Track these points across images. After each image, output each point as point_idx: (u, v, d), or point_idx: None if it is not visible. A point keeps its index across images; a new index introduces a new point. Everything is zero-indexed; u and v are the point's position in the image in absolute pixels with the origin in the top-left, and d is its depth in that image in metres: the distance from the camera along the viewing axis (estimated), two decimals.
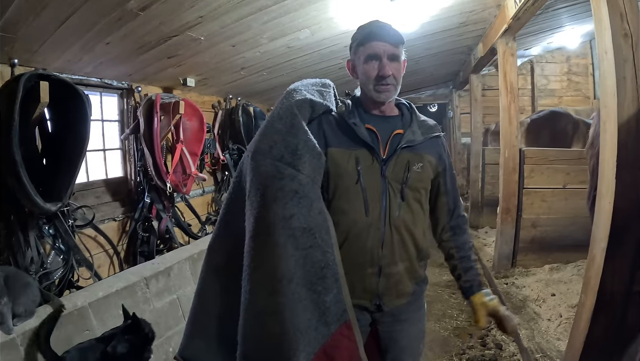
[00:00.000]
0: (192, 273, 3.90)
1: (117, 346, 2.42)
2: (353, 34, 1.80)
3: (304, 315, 1.54)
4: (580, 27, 7.09)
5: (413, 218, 1.75)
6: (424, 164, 1.76)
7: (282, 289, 1.52)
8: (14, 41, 2.67)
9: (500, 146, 5.01)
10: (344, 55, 4.97)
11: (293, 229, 1.54)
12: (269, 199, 1.55)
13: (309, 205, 1.57)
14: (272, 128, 1.65)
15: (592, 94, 9.42)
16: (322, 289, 1.56)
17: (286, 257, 1.53)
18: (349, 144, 1.72)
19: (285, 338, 1.51)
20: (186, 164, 4.73)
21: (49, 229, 3.16)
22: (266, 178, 1.57)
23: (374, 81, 1.71)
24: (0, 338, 2.32)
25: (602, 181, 2.37)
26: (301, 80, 1.85)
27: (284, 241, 1.53)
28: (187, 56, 3.87)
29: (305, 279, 1.55)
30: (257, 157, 1.61)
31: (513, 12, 4.03)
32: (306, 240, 1.55)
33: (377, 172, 1.70)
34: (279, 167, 1.57)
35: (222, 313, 1.76)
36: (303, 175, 1.57)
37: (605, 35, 2.28)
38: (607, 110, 2.34)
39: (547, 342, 3.26)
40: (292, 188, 1.55)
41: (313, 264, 1.55)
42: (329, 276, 1.57)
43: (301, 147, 1.59)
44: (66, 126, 3.12)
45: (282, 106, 1.69)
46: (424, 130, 1.81)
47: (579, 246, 3.95)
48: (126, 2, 2.57)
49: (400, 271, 1.75)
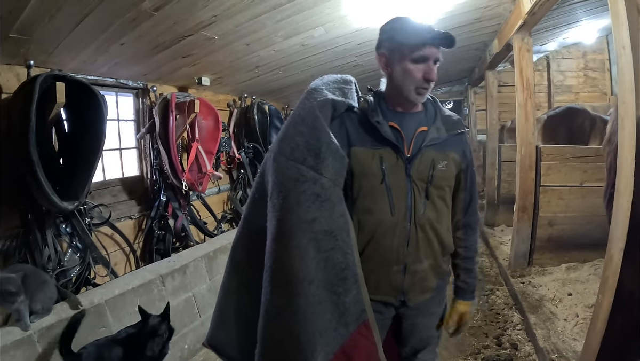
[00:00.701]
0: (208, 270, 3.93)
1: (154, 345, 2.48)
2: (391, 26, 1.74)
3: (324, 316, 1.56)
4: (597, 21, 6.97)
5: (437, 216, 1.76)
6: (448, 162, 1.76)
7: (303, 291, 1.53)
8: (29, 43, 2.70)
9: (516, 143, 4.96)
10: (358, 52, 4.97)
11: (315, 232, 1.55)
12: (291, 203, 1.57)
13: (330, 208, 1.58)
14: (293, 130, 1.66)
15: (609, 90, 9.26)
16: (342, 290, 1.58)
17: (307, 259, 1.55)
18: (372, 143, 1.71)
19: (305, 339, 1.53)
20: (202, 162, 4.76)
21: (66, 227, 3.21)
22: (288, 181, 1.59)
23: (418, 83, 1.67)
24: (18, 334, 2.36)
25: (620, 178, 2.33)
26: (321, 77, 1.84)
27: (306, 244, 1.55)
28: (201, 55, 3.89)
29: (326, 281, 1.57)
30: (279, 159, 1.62)
31: (528, 7, 3.97)
32: (328, 243, 1.57)
33: (402, 172, 1.70)
34: (301, 170, 1.58)
35: (243, 308, 1.80)
36: (326, 178, 1.58)
37: (622, 30, 2.24)
38: (625, 106, 2.29)
39: (563, 342, 3.22)
40: (314, 191, 1.56)
41: (334, 266, 1.57)
42: (349, 278, 1.58)
43: (324, 150, 1.60)
44: (82, 125, 3.17)
45: (304, 107, 1.69)
46: (449, 126, 1.80)
47: (596, 245, 3.91)
48: (140, 2, 2.58)
49: (425, 268, 1.77)
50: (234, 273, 1.85)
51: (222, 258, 4.12)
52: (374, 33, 4.43)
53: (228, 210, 5.93)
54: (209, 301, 3.76)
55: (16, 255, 2.87)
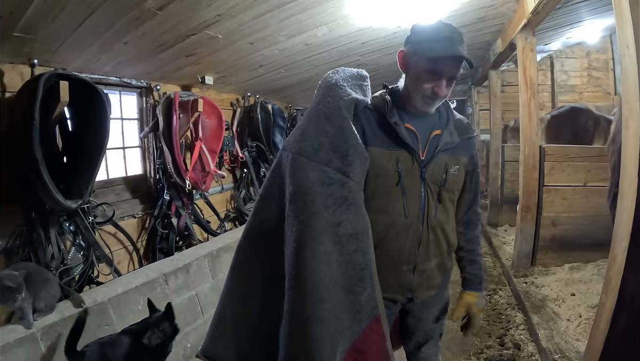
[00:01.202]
0: (211, 269, 3.94)
1: (152, 336, 2.45)
2: (420, 29, 1.69)
3: (343, 316, 1.56)
4: (600, 21, 6.95)
5: (447, 217, 1.80)
6: (459, 166, 1.78)
7: (328, 296, 1.53)
8: (33, 42, 2.71)
9: (519, 143, 4.94)
10: (362, 52, 4.97)
11: (340, 236, 1.55)
12: (318, 206, 1.54)
13: (356, 212, 1.57)
14: (317, 129, 1.62)
15: (612, 89, 9.23)
16: (360, 290, 1.58)
17: (332, 264, 1.54)
18: (388, 143, 1.70)
19: (330, 343, 1.53)
20: (205, 161, 4.76)
21: (70, 226, 3.22)
22: (313, 184, 1.56)
23: (425, 93, 1.66)
24: (21, 332, 2.37)
25: (624, 178, 2.32)
26: (336, 70, 1.79)
27: (332, 248, 1.54)
28: (205, 54, 3.89)
29: (345, 282, 1.56)
30: (300, 159, 1.59)
31: (532, 7, 3.96)
32: (351, 245, 1.56)
33: (417, 175, 1.71)
34: (327, 172, 1.56)
35: (247, 316, 1.78)
36: (353, 181, 1.57)
37: (626, 29, 2.22)
38: (629, 106, 2.28)
39: (566, 342, 3.21)
40: (342, 194, 1.55)
41: (354, 268, 1.56)
42: (366, 277, 1.58)
43: (352, 152, 1.58)
44: (86, 124, 3.17)
45: (329, 105, 1.65)
46: (460, 131, 1.81)
47: (600, 245, 3.89)
48: (144, 1, 2.59)
49: (432, 267, 1.80)
50: (239, 278, 1.81)
51: (225, 257, 4.12)
52: (377, 32, 4.46)
53: (231, 209, 5.94)
54: (212, 300, 3.76)
55: (20, 253, 2.88)
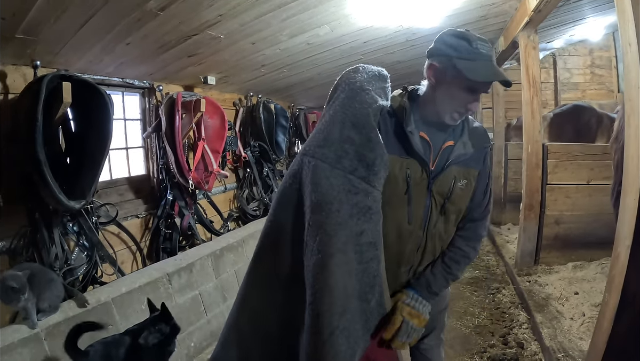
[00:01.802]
0: (214, 269, 3.95)
1: (149, 336, 2.45)
2: (457, 44, 1.58)
3: (358, 324, 1.56)
4: (603, 18, 6.92)
5: (446, 228, 1.78)
6: (468, 180, 1.75)
7: (350, 306, 1.52)
8: (36, 43, 2.72)
9: (522, 141, 4.94)
10: (364, 51, 4.97)
11: (361, 245, 1.53)
12: (344, 216, 1.51)
13: (377, 221, 1.55)
14: (341, 135, 1.57)
15: (615, 87, 9.20)
16: (371, 296, 1.57)
17: (352, 273, 1.52)
18: (401, 151, 1.66)
19: (352, 353, 1.53)
20: (208, 161, 4.77)
21: (73, 226, 3.23)
22: (338, 192, 1.52)
23: (458, 110, 1.62)
24: (25, 332, 2.39)
25: (627, 177, 2.32)
26: (356, 68, 1.73)
27: (352, 257, 1.52)
28: (207, 54, 3.90)
29: (360, 290, 1.55)
30: (322, 166, 1.56)
31: (534, 5, 3.95)
32: (369, 254, 1.54)
33: (424, 185, 1.69)
34: (352, 181, 1.53)
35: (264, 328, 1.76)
36: (377, 191, 1.55)
37: (628, 27, 2.22)
38: (631, 104, 2.28)
39: (569, 341, 3.21)
40: (367, 204, 1.53)
41: (368, 275, 1.55)
42: (377, 283, 1.57)
43: (378, 162, 1.54)
44: (89, 125, 3.18)
45: (356, 112, 1.59)
46: (475, 141, 1.75)
47: (603, 244, 3.87)
48: (145, 2, 2.59)
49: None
50: (255, 286, 1.78)
51: (228, 257, 4.13)
52: (379, 31, 4.45)
53: (234, 209, 5.95)
54: (215, 299, 3.77)
55: (23, 254, 2.89)
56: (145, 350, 2.44)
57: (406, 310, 1.67)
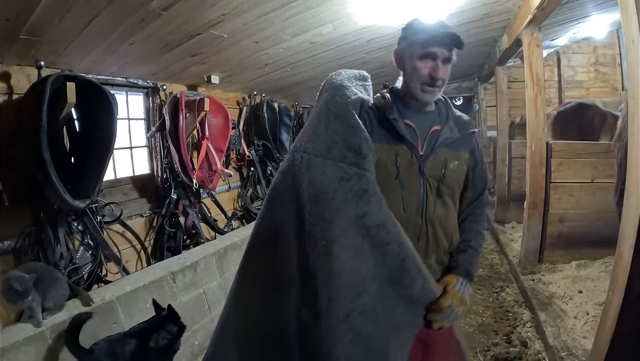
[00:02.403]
0: (218, 267, 3.96)
1: (159, 338, 2.47)
2: (407, 26, 1.76)
3: (396, 310, 1.57)
4: (607, 16, 6.90)
5: (446, 213, 1.78)
6: (459, 162, 1.78)
7: (367, 289, 1.54)
8: (40, 44, 2.73)
9: (526, 140, 4.93)
10: (367, 49, 4.97)
11: (367, 227, 1.55)
12: (339, 203, 1.55)
13: (379, 202, 1.57)
14: (327, 128, 1.63)
15: (620, 85, 9.17)
16: (408, 282, 1.57)
17: (365, 256, 1.55)
18: (388, 139, 1.72)
19: (378, 336, 1.54)
20: (212, 160, 4.78)
21: (78, 225, 3.24)
22: (332, 181, 1.56)
23: (423, 80, 1.69)
24: (31, 330, 2.40)
25: (630, 176, 2.32)
26: (338, 72, 1.81)
27: (360, 241, 1.55)
28: (210, 54, 3.90)
29: (389, 276, 1.56)
30: (314, 159, 1.60)
31: (538, 2, 3.94)
32: (382, 237, 1.55)
33: (416, 169, 1.72)
34: (343, 168, 1.56)
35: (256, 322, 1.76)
36: (370, 173, 1.58)
37: (632, 25, 2.22)
38: (635, 102, 2.27)
39: (573, 340, 3.21)
40: (361, 187, 1.55)
41: (394, 259, 1.56)
42: (411, 267, 1.56)
43: (364, 146, 1.58)
44: (93, 125, 3.19)
45: (338, 105, 1.65)
46: (460, 126, 1.82)
47: (607, 242, 3.86)
48: (149, 2, 2.60)
49: (432, 263, 1.77)
50: (246, 283, 1.79)
51: (232, 255, 4.14)
52: (382, 30, 4.45)
53: (238, 207, 5.96)
54: (220, 298, 3.78)
55: (29, 253, 2.90)
56: (152, 349, 2.46)
57: (457, 296, 1.67)
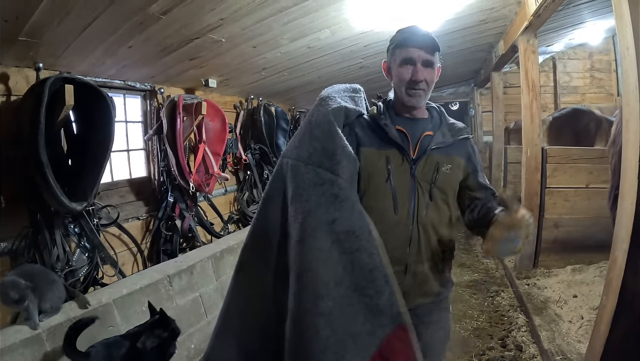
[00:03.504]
0: (215, 271, 3.96)
1: (147, 341, 2.47)
2: (392, 37, 1.84)
3: (357, 319, 1.58)
4: (603, 22, 6.94)
5: (440, 218, 1.79)
6: (453, 166, 1.80)
7: (330, 293, 1.57)
8: (39, 46, 2.73)
9: (520, 145, 4.95)
10: (364, 54, 4.99)
11: (337, 233, 1.59)
12: (311, 205, 1.63)
13: (350, 208, 1.62)
14: (310, 135, 1.73)
15: (615, 91, 9.21)
16: (373, 292, 1.58)
17: (332, 261, 1.59)
18: (380, 144, 1.77)
19: (333, 341, 1.55)
20: (209, 164, 4.79)
21: (75, 228, 3.24)
22: (308, 185, 1.65)
23: (406, 85, 1.76)
24: (27, 333, 2.40)
25: (624, 181, 2.33)
26: (331, 86, 1.90)
27: (329, 246, 1.59)
28: (208, 58, 3.91)
29: (355, 283, 1.59)
30: (297, 165, 1.69)
31: (534, 9, 3.98)
32: (351, 244, 1.59)
33: (407, 172, 1.75)
34: (319, 173, 1.64)
35: (251, 315, 1.82)
36: (342, 179, 1.63)
37: (626, 32, 2.24)
38: (629, 108, 2.29)
39: (567, 344, 3.23)
40: (333, 192, 1.62)
41: (361, 268, 1.59)
42: (378, 278, 1.58)
43: (339, 152, 1.65)
44: (91, 127, 3.20)
45: (319, 114, 1.75)
46: (454, 132, 1.86)
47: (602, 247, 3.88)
48: (148, 6, 2.61)
49: (425, 270, 1.78)
50: (242, 278, 1.86)
51: (228, 259, 4.15)
52: (379, 35, 4.48)
53: (235, 211, 5.95)
54: (216, 301, 3.78)
55: (25, 255, 2.90)
56: (146, 352, 2.46)
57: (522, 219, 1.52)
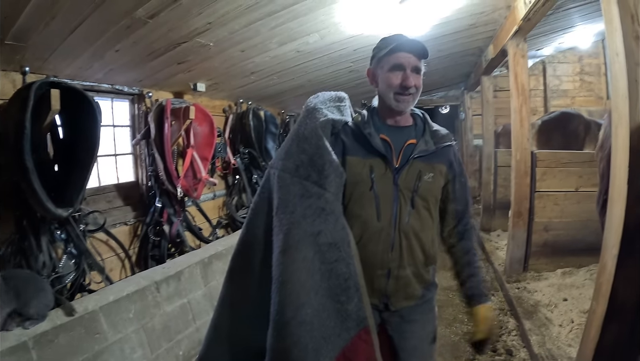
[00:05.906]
0: (203, 277, 3.93)
1: None
2: (376, 45, 1.87)
3: (329, 323, 1.64)
4: (592, 26, 7.00)
5: (421, 225, 1.82)
6: (435, 174, 1.83)
7: (309, 301, 1.62)
8: (25, 50, 2.71)
9: (508, 148, 4.97)
10: (353, 58, 4.98)
11: (320, 245, 1.66)
12: (297, 217, 1.67)
13: (334, 221, 1.68)
14: (297, 148, 1.77)
15: (604, 94, 9.32)
16: (345, 299, 1.66)
17: (314, 271, 1.65)
18: (364, 153, 1.80)
19: (312, 347, 1.61)
20: (197, 168, 4.75)
21: (61, 234, 3.20)
22: (294, 197, 1.70)
23: (395, 90, 1.78)
24: (13, 340, 2.36)
25: (614, 187, 2.34)
26: (316, 95, 1.94)
27: (312, 256, 1.65)
28: (196, 62, 3.89)
29: (330, 291, 1.66)
30: (284, 175, 1.74)
31: (523, 13, 3.99)
32: (332, 255, 1.66)
33: (390, 181, 1.78)
34: (306, 186, 1.69)
35: (240, 320, 1.91)
36: (329, 193, 1.69)
37: (616, 37, 2.25)
38: (618, 113, 2.29)
39: (558, 348, 3.22)
40: (319, 205, 1.67)
41: (338, 277, 1.66)
42: (351, 287, 1.66)
43: (327, 167, 1.70)
44: (77, 132, 3.16)
45: (307, 127, 1.79)
46: (437, 139, 1.88)
47: (592, 250, 3.89)
48: (134, 10, 2.59)
49: (408, 274, 1.82)
50: (233, 285, 1.95)
51: (217, 264, 4.11)
52: (368, 39, 4.48)
53: (223, 216, 5.92)
54: (204, 307, 3.75)
55: (11, 261, 2.85)
56: None
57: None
